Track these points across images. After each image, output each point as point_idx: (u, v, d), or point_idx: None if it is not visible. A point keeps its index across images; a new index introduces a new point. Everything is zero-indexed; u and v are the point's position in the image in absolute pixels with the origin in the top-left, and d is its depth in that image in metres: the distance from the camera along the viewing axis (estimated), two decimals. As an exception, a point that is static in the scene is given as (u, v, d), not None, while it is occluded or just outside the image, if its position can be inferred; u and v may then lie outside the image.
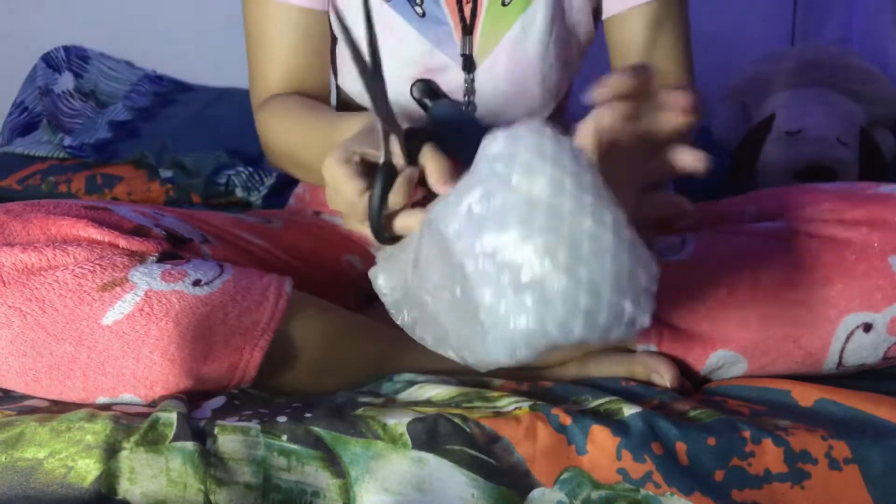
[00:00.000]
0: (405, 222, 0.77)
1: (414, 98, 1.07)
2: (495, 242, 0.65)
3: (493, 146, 0.67)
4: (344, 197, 0.77)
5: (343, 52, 1.12)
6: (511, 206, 0.65)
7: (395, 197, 0.75)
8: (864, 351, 0.91)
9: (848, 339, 0.90)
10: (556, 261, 0.63)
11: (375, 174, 0.75)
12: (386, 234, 0.77)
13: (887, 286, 0.89)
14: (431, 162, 0.75)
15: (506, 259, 0.65)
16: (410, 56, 1.06)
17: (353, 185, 0.76)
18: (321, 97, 1.10)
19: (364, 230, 0.78)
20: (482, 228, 0.66)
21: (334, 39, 1.10)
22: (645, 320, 0.65)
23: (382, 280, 0.80)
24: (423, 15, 1.04)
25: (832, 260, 0.90)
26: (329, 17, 1.10)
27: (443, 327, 0.73)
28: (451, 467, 0.76)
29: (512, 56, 1.06)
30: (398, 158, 0.76)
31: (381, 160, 0.76)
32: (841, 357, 0.91)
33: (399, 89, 1.08)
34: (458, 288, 0.69)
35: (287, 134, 1.03)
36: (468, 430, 0.78)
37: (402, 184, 0.75)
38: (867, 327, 0.90)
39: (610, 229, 0.64)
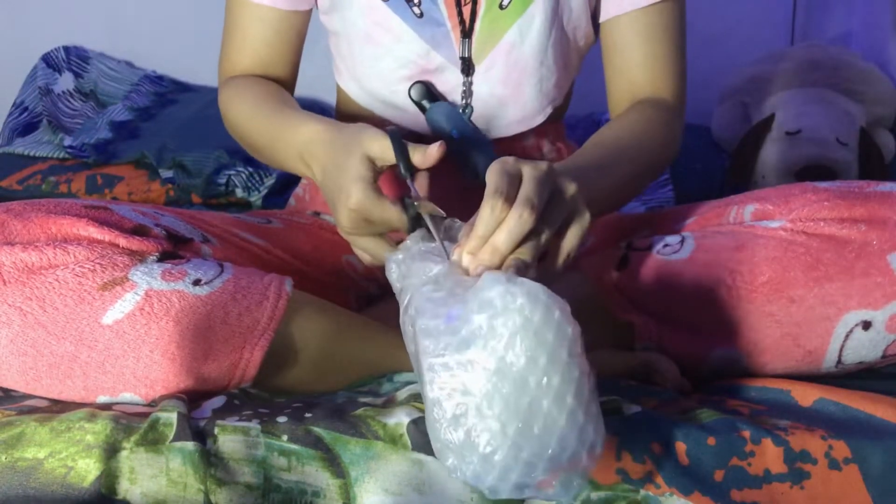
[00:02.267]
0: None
1: (412, 99, 1.07)
2: (456, 383, 0.69)
3: (488, 291, 0.69)
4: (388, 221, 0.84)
5: (340, 49, 1.12)
6: (481, 363, 0.68)
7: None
8: (863, 349, 0.91)
9: (847, 336, 0.90)
10: (505, 432, 0.67)
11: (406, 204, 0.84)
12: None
13: (886, 284, 0.89)
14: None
15: (463, 403, 0.68)
16: (406, 56, 1.06)
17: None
18: (285, 85, 1.13)
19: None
20: (448, 366, 0.69)
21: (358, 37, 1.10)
22: (569, 497, 0.70)
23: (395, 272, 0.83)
24: (421, 16, 1.04)
25: (831, 258, 0.90)
26: (304, 16, 1.10)
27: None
28: (451, 470, 0.77)
29: (508, 59, 1.06)
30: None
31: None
32: (840, 355, 0.91)
33: (394, 87, 1.09)
34: (419, 369, 0.73)
35: (241, 116, 1.07)
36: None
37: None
38: (866, 325, 0.90)
39: (567, 412, 0.68)
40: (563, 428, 0.67)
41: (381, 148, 0.85)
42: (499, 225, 0.75)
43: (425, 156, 0.84)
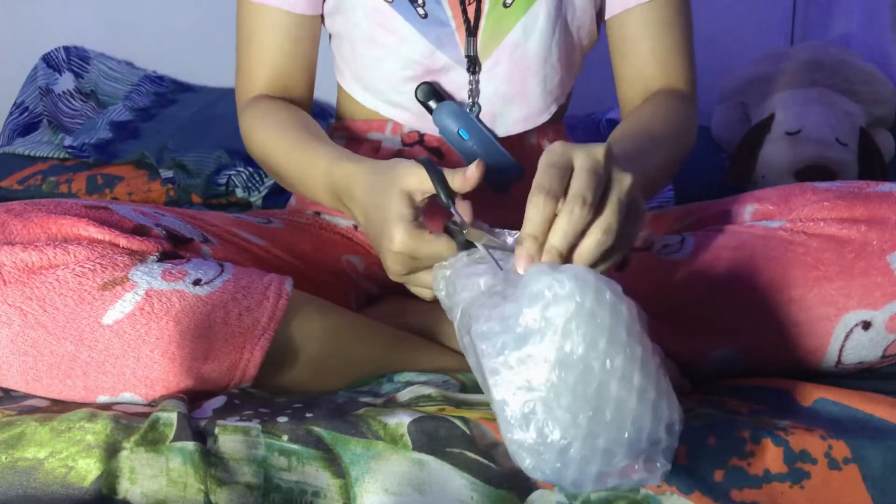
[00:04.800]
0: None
1: (418, 100, 1.07)
2: (520, 381, 0.67)
3: (535, 284, 0.68)
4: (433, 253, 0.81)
5: (343, 51, 1.12)
6: (541, 356, 0.67)
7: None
8: (863, 349, 0.91)
9: (847, 337, 0.90)
10: (577, 423, 0.66)
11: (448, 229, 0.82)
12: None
13: (886, 284, 0.89)
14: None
15: (530, 400, 0.67)
16: (411, 56, 1.06)
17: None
18: (303, 99, 1.12)
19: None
20: (509, 365, 0.68)
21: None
22: (656, 479, 0.68)
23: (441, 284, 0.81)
24: (426, 16, 1.04)
25: (831, 258, 0.90)
26: (318, 20, 1.10)
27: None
28: (452, 470, 0.76)
29: (513, 57, 1.06)
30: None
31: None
32: (840, 355, 0.91)
33: (399, 88, 1.09)
34: (482, 376, 0.71)
35: (265, 147, 1.05)
36: (469, 432, 0.78)
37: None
38: (866, 325, 0.90)
39: (636, 392, 0.66)
40: (636, 409, 0.66)
41: (419, 180, 0.81)
42: (547, 222, 0.72)
43: (465, 179, 0.80)
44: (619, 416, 0.66)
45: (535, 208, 0.72)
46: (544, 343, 0.66)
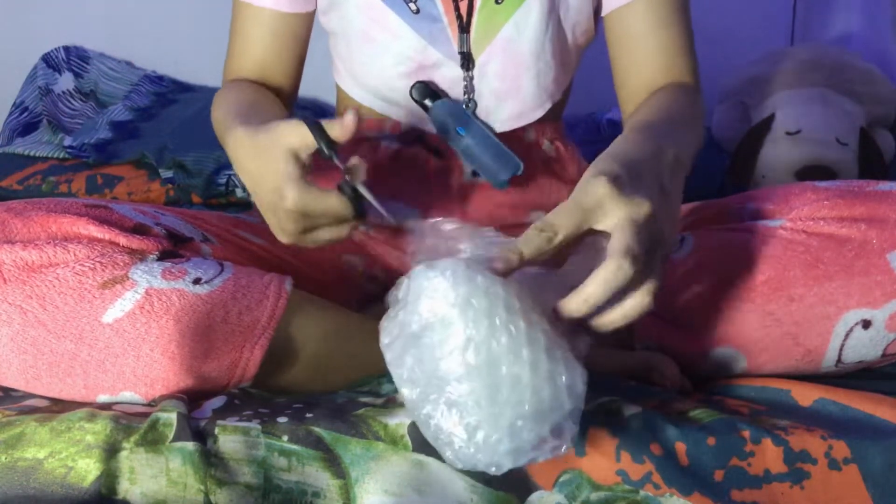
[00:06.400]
0: None
1: (414, 99, 1.07)
2: (422, 379, 0.69)
3: (415, 283, 0.70)
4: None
5: (339, 49, 1.12)
6: (433, 351, 0.68)
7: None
8: (863, 348, 0.91)
9: (847, 335, 0.90)
10: (479, 405, 0.67)
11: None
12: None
13: (886, 283, 0.89)
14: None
15: (431, 400, 0.69)
16: (404, 52, 1.06)
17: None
18: (284, 91, 1.13)
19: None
20: (409, 367, 0.70)
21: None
22: (567, 443, 0.69)
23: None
24: (418, 12, 1.05)
25: (831, 257, 0.90)
26: (305, 18, 1.11)
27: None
28: (451, 471, 0.77)
29: (506, 54, 1.06)
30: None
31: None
32: (840, 354, 0.91)
33: (393, 85, 1.09)
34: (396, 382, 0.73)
35: (216, 119, 1.03)
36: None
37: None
38: (866, 324, 0.90)
39: (528, 365, 0.68)
40: (532, 381, 0.67)
41: (300, 136, 0.82)
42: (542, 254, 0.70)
43: (343, 127, 0.82)
44: (516, 392, 0.67)
45: (538, 236, 0.70)
46: (434, 338, 0.68)
